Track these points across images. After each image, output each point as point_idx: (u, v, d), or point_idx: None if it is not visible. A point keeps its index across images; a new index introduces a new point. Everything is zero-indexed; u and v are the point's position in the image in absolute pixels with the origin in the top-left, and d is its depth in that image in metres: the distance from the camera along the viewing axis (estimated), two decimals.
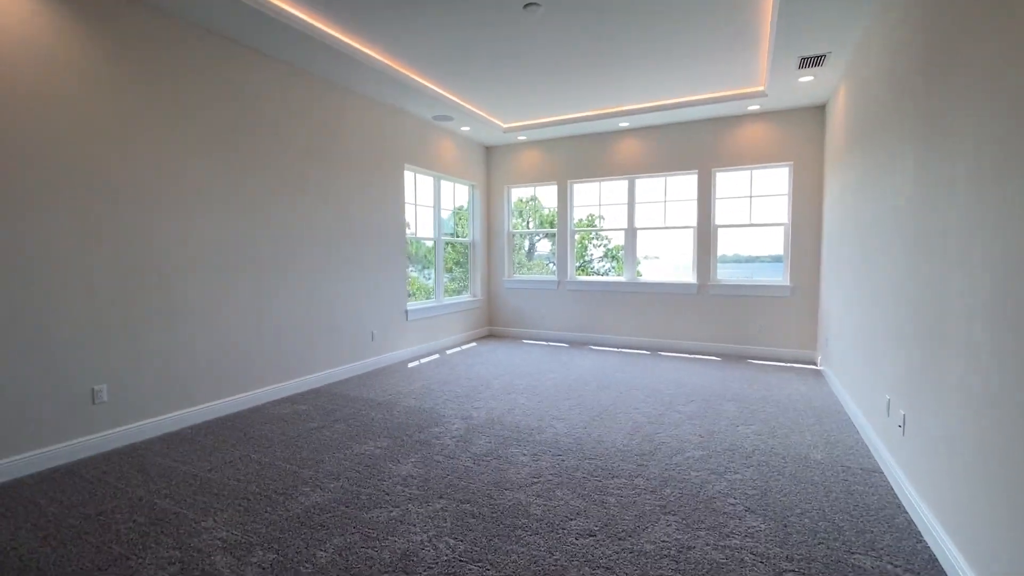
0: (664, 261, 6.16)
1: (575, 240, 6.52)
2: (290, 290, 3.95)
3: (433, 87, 4.63)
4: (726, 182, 5.56)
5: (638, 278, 6.08)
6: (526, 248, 7.30)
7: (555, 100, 5.01)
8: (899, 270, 2.43)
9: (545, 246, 7.19)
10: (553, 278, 6.51)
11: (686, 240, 5.80)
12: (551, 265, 6.85)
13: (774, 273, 5.43)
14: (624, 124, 5.67)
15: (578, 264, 6.59)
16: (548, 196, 6.74)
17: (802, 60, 3.76)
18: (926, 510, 2.00)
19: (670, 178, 5.84)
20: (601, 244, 7.30)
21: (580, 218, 6.62)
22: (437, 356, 5.47)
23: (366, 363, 4.74)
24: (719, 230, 5.58)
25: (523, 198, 7.04)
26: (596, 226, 6.68)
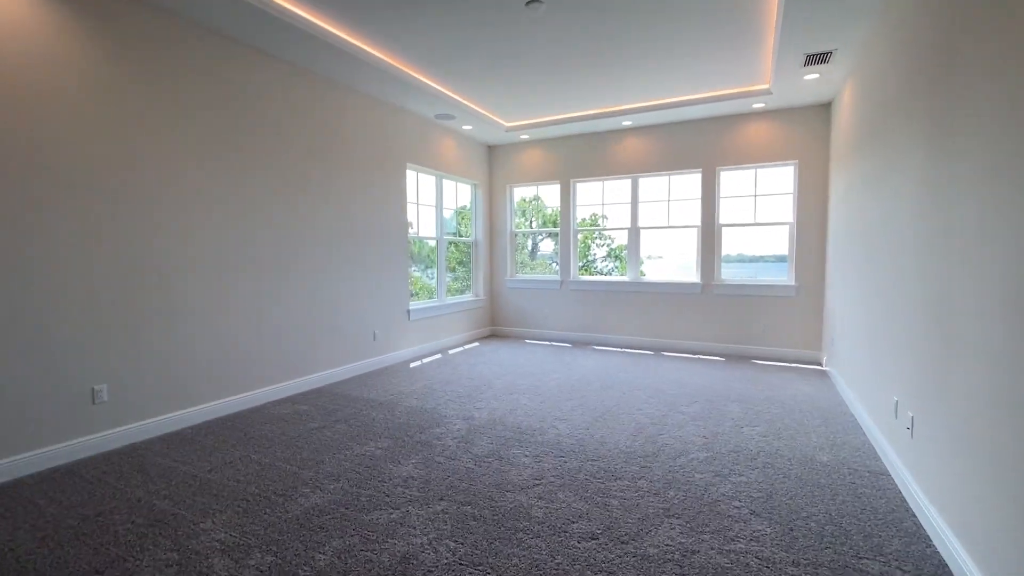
0: (668, 261, 6.12)
1: (578, 239, 6.48)
2: (291, 290, 3.93)
3: (435, 85, 4.61)
4: (730, 181, 5.51)
5: (642, 278, 6.04)
6: (529, 248, 7.27)
7: (557, 99, 4.98)
8: (907, 269, 2.39)
9: (548, 245, 7.16)
10: (556, 278, 6.47)
11: (690, 240, 5.75)
12: (554, 265, 6.82)
13: (779, 273, 5.38)
14: (627, 123, 5.63)
15: (581, 264, 6.56)
16: (551, 195, 6.70)
17: (808, 57, 3.71)
18: (935, 514, 1.96)
19: (674, 177, 5.80)
20: (604, 244, 7.27)
21: (583, 217, 6.58)
22: (439, 356, 5.45)
23: (368, 363, 4.72)
24: (723, 229, 5.54)
25: (526, 197, 7.01)
26: (599, 225, 6.65)
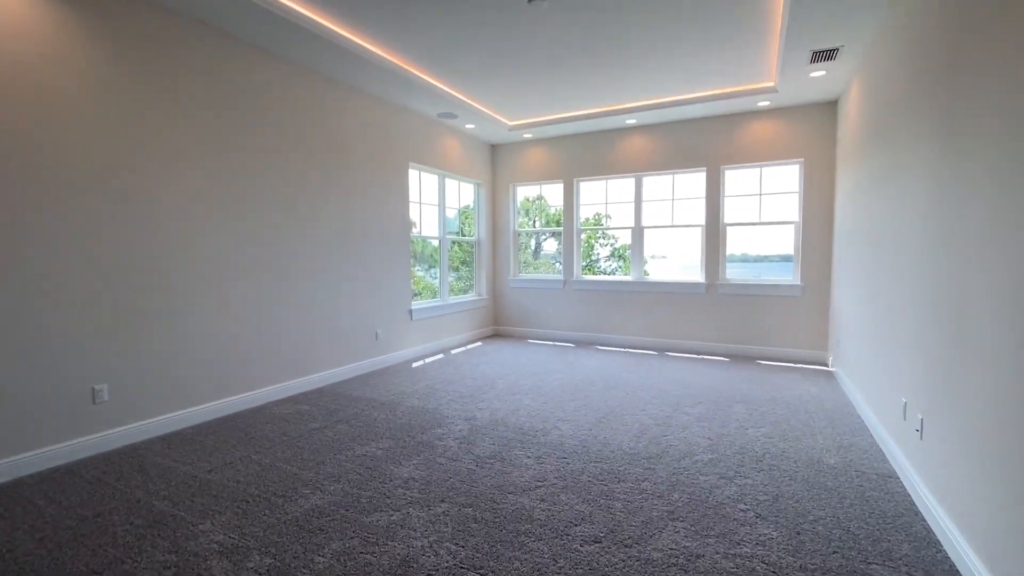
0: (672, 260, 6.07)
1: (582, 239, 6.44)
2: (292, 289, 3.92)
3: (438, 84, 4.59)
4: (735, 180, 5.46)
5: (645, 277, 6.00)
6: (532, 247, 7.24)
7: (561, 97, 4.95)
8: (915, 269, 2.35)
9: (551, 245, 7.13)
10: (559, 277, 6.44)
11: (694, 239, 5.71)
12: (557, 264, 6.79)
13: (784, 272, 5.33)
14: (631, 121, 5.59)
15: (585, 263, 6.52)
16: (554, 195, 6.67)
17: (814, 54, 3.67)
18: (945, 518, 1.92)
19: (678, 176, 5.75)
20: (608, 243, 7.23)
21: (587, 217, 6.55)
22: (442, 356, 5.42)
23: (370, 362, 4.70)
24: (728, 228, 5.49)
25: (529, 197, 6.98)
26: (603, 225, 6.61)
